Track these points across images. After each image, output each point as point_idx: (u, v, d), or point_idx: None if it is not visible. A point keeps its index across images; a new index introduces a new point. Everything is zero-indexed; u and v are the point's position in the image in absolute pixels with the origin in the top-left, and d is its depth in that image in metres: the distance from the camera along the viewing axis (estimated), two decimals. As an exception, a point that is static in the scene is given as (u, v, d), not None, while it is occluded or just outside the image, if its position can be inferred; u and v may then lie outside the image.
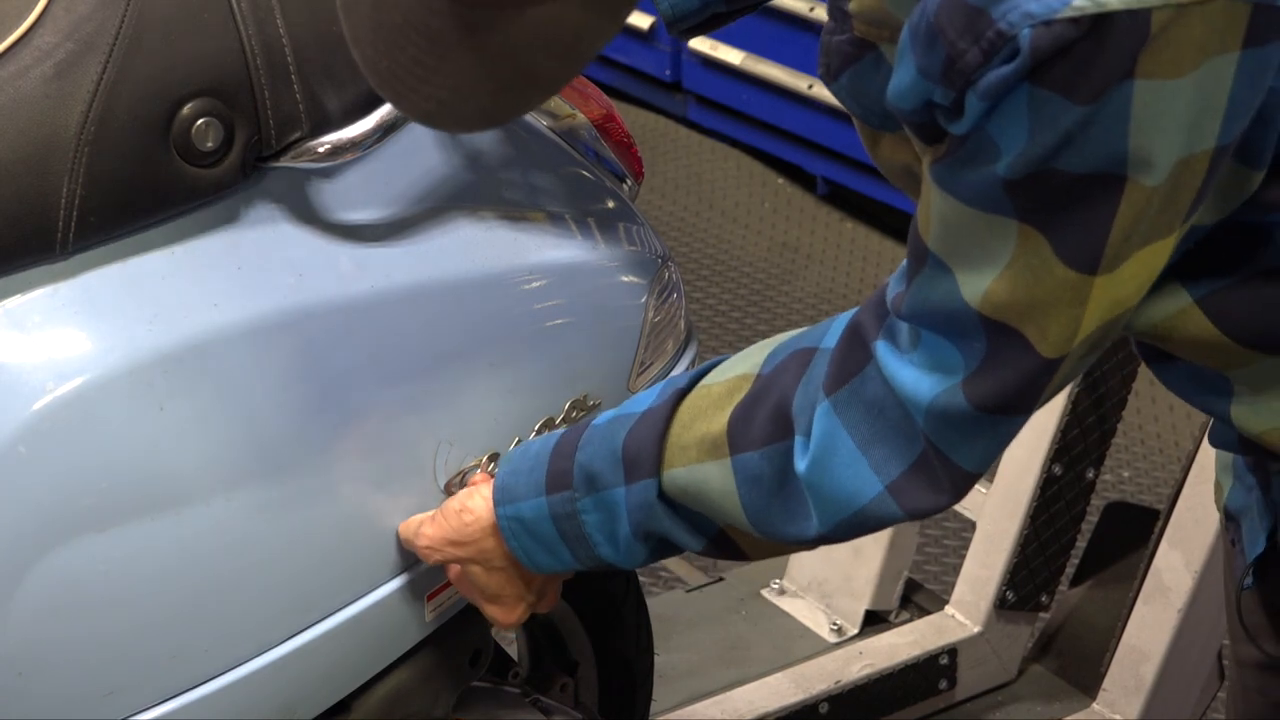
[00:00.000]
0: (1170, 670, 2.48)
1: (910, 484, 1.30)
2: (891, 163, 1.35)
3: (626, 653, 1.93)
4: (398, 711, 1.60)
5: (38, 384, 1.33)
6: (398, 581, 1.53)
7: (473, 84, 1.22)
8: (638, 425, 1.42)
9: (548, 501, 1.45)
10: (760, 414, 1.35)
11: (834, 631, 2.64)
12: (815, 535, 1.35)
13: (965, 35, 1.12)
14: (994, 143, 1.15)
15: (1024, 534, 2.55)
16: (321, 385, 1.44)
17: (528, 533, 1.46)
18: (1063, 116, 1.12)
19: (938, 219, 1.22)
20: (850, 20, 1.29)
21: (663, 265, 1.70)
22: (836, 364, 1.31)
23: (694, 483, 1.39)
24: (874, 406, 1.29)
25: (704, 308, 3.92)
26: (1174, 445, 3.41)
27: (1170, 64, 1.11)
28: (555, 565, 1.48)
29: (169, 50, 1.37)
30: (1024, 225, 1.18)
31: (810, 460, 1.32)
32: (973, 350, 1.23)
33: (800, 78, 4.27)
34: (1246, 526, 1.47)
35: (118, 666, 1.39)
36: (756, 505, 1.36)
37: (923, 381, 1.26)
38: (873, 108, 1.32)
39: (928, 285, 1.24)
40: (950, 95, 1.15)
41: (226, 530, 1.40)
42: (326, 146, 1.44)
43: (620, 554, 1.45)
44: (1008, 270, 1.19)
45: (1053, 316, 1.21)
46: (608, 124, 1.77)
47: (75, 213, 1.34)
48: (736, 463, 1.36)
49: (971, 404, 1.25)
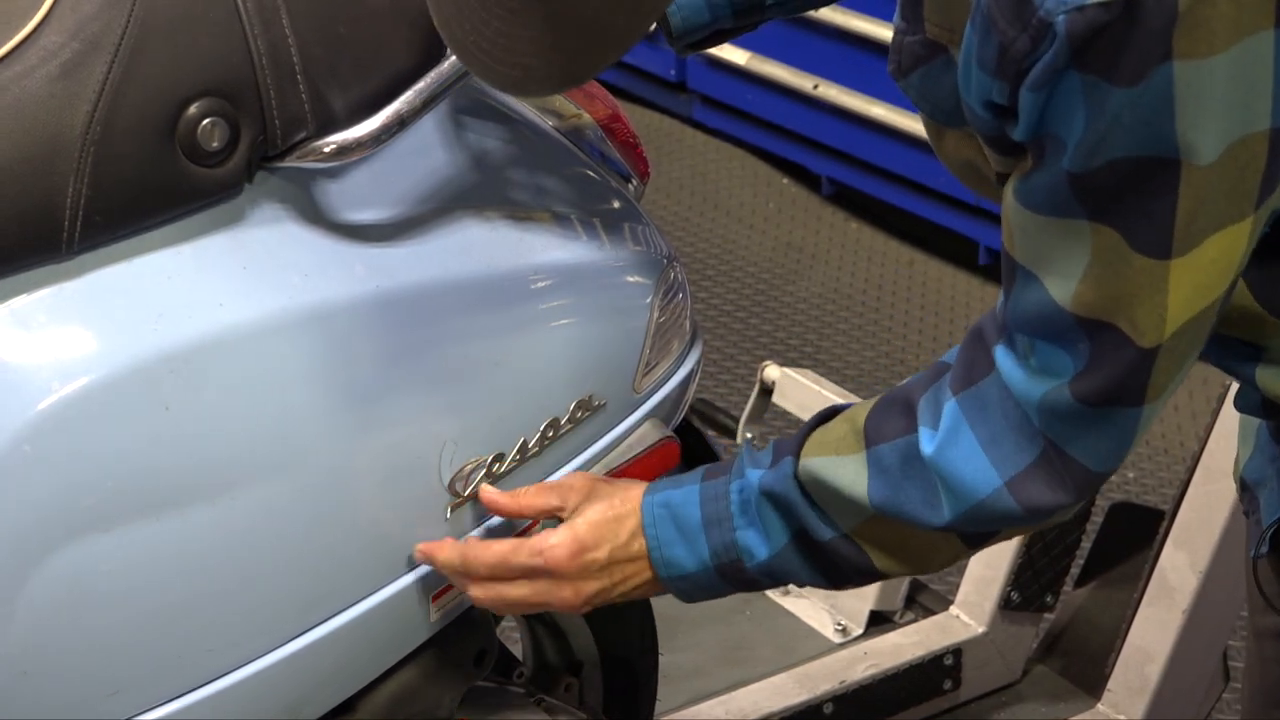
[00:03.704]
0: (1175, 671, 2.47)
1: (1029, 481, 1.34)
2: (956, 158, 1.40)
3: (631, 653, 1.93)
4: (402, 711, 1.60)
5: (43, 383, 1.33)
6: (402, 582, 1.53)
7: (552, 48, 1.26)
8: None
9: (701, 487, 1.48)
10: (894, 412, 1.41)
11: (838, 632, 2.64)
12: (944, 524, 1.38)
13: (1015, 23, 1.17)
14: (1057, 137, 1.20)
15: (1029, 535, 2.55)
16: (326, 385, 1.44)
17: (671, 518, 1.47)
18: (1109, 100, 1.17)
19: (1019, 231, 1.28)
20: (923, 22, 1.33)
21: (668, 265, 1.70)
22: (962, 366, 1.37)
23: (825, 473, 1.42)
24: (995, 408, 1.34)
25: (709, 308, 3.92)
26: (1179, 446, 3.41)
27: (1204, 42, 1.15)
28: (684, 561, 1.48)
29: (174, 50, 1.37)
30: (1095, 224, 1.23)
31: (937, 445, 1.36)
32: (1079, 352, 1.29)
33: (805, 78, 4.27)
34: (1264, 496, 1.49)
35: (122, 666, 1.39)
36: (884, 492, 1.39)
37: (1034, 383, 1.31)
38: (940, 105, 1.36)
39: (1022, 295, 1.30)
40: (1006, 90, 1.20)
41: (231, 530, 1.41)
42: (332, 146, 1.44)
43: (760, 536, 1.45)
44: (1090, 270, 1.25)
45: (1139, 306, 1.25)
46: (613, 124, 1.77)
47: (81, 212, 1.34)
48: (871, 455, 1.40)
49: (1076, 399, 1.30)
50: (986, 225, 3.99)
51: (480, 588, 1.50)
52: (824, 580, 1.47)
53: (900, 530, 1.41)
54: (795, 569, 1.47)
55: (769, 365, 2.69)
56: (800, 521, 1.44)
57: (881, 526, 1.41)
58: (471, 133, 1.62)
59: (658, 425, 1.69)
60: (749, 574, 1.47)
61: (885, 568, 1.44)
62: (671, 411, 1.73)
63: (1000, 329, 1.35)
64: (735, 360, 3.71)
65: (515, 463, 1.56)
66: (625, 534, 1.48)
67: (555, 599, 1.49)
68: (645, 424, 1.68)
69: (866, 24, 4.06)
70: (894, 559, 1.44)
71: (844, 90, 4.19)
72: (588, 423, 1.61)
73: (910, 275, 4.11)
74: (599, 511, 1.49)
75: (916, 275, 4.11)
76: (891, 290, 4.05)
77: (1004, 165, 1.30)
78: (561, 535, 1.48)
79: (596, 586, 1.49)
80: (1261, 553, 1.50)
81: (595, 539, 1.48)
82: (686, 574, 1.48)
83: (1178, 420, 3.48)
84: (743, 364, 3.68)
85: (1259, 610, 1.56)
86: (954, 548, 1.42)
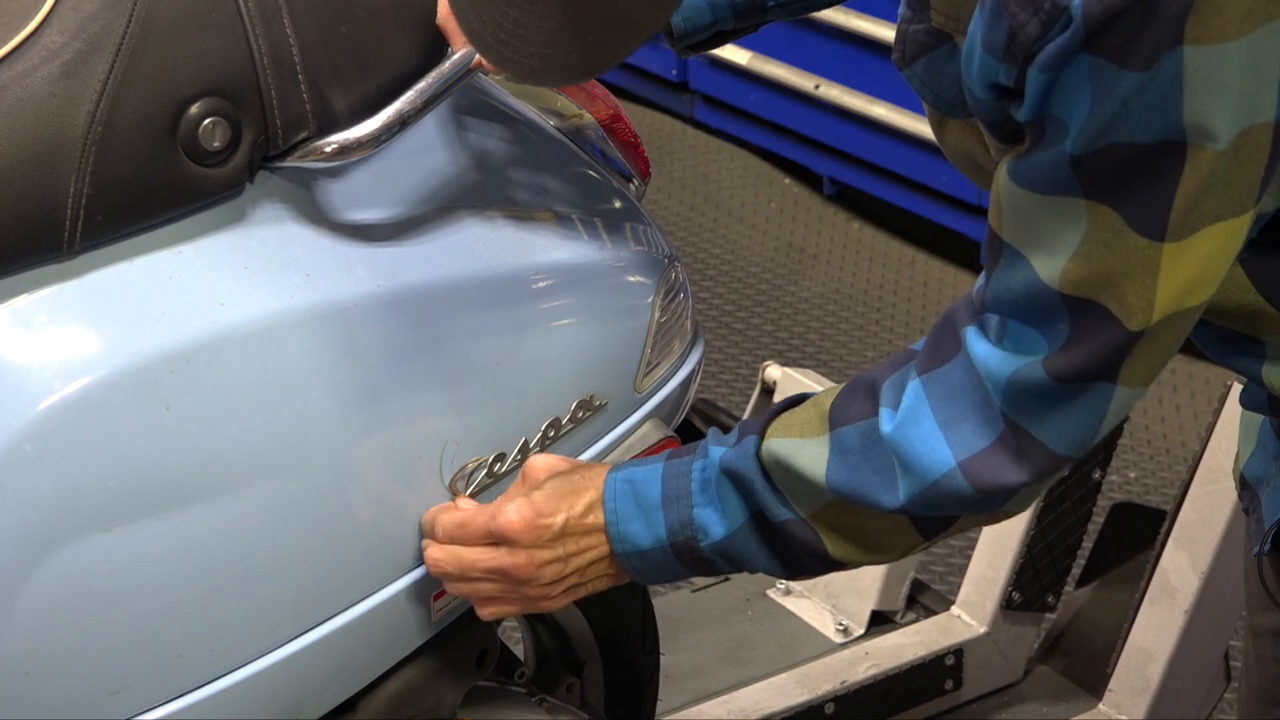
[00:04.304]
0: (1176, 671, 2.48)
1: (984, 463, 1.34)
2: (957, 147, 1.40)
3: (632, 653, 1.93)
4: (403, 711, 1.60)
5: (44, 383, 1.33)
6: (404, 581, 1.53)
7: (572, 36, 1.25)
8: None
9: (665, 465, 1.48)
10: (858, 395, 1.41)
11: (840, 632, 2.64)
12: (899, 506, 1.38)
13: (1026, 7, 1.18)
14: (1060, 120, 1.20)
15: (1030, 535, 2.55)
16: (328, 385, 1.44)
17: (632, 494, 1.47)
18: (1119, 84, 1.17)
19: (1010, 210, 1.28)
20: (929, 10, 1.34)
21: (669, 265, 1.70)
22: (929, 349, 1.37)
23: (786, 454, 1.42)
24: (958, 389, 1.34)
25: (710, 308, 3.92)
26: (1180, 446, 3.41)
27: (1218, 28, 1.16)
28: (640, 538, 1.47)
29: (176, 50, 1.37)
30: (1092, 203, 1.23)
31: (896, 424, 1.36)
32: (1057, 332, 1.29)
33: (807, 78, 4.27)
34: (1266, 493, 1.49)
35: (123, 666, 1.39)
36: (842, 473, 1.39)
37: (1005, 361, 1.31)
38: (944, 94, 1.37)
39: (1007, 275, 1.30)
40: (1013, 73, 1.21)
41: (232, 530, 1.41)
42: (333, 146, 1.44)
43: (718, 514, 1.45)
44: (1082, 248, 1.25)
45: (1128, 286, 1.25)
46: (615, 124, 1.78)
47: (82, 212, 1.34)
48: (834, 437, 1.40)
49: (1049, 374, 1.30)
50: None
51: (438, 548, 1.50)
52: (779, 566, 1.47)
53: (856, 514, 1.41)
54: (750, 551, 1.46)
55: (770, 365, 2.69)
56: (758, 502, 1.44)
57: (839, 511, 1.41)
58: (473, 132, 1.62)
59: (659, 425, 1.69)
60: (703, 553, 1.47)
61: (839, 554, 1.44)
62: (673, 411, 1.73)
63: (974, 312, 1.34)
64: (737, 360, 3.71)
65: (516, 463, 1.56)
66: (581, 505, 1.48)
67: (509, 565, 1.48)
68: (646, 424, 1.68)
69: (868, 24, 4.06)
70: (849, 544, 1.43)
71: (846, 90, 4.19)
72: (589, 422, 1.61)
73: (912, 275, 4.11)
74: (558, 484, 1.49)
75: (918, 275, 4.11)
76: (893, 290, 4.06)
77: (1004, 154, 1.30)
78: (518, 502, 1.48)
79: (550, 555, 1.48)
80: (1264, 550, 1.50)
81: (551, 508, 1.48)
82: (642, 551, 1.48)
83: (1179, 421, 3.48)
84: (744, 364, 3.68)
85: (1259, 608, 1.56)
86: (909, 536, 1.41)
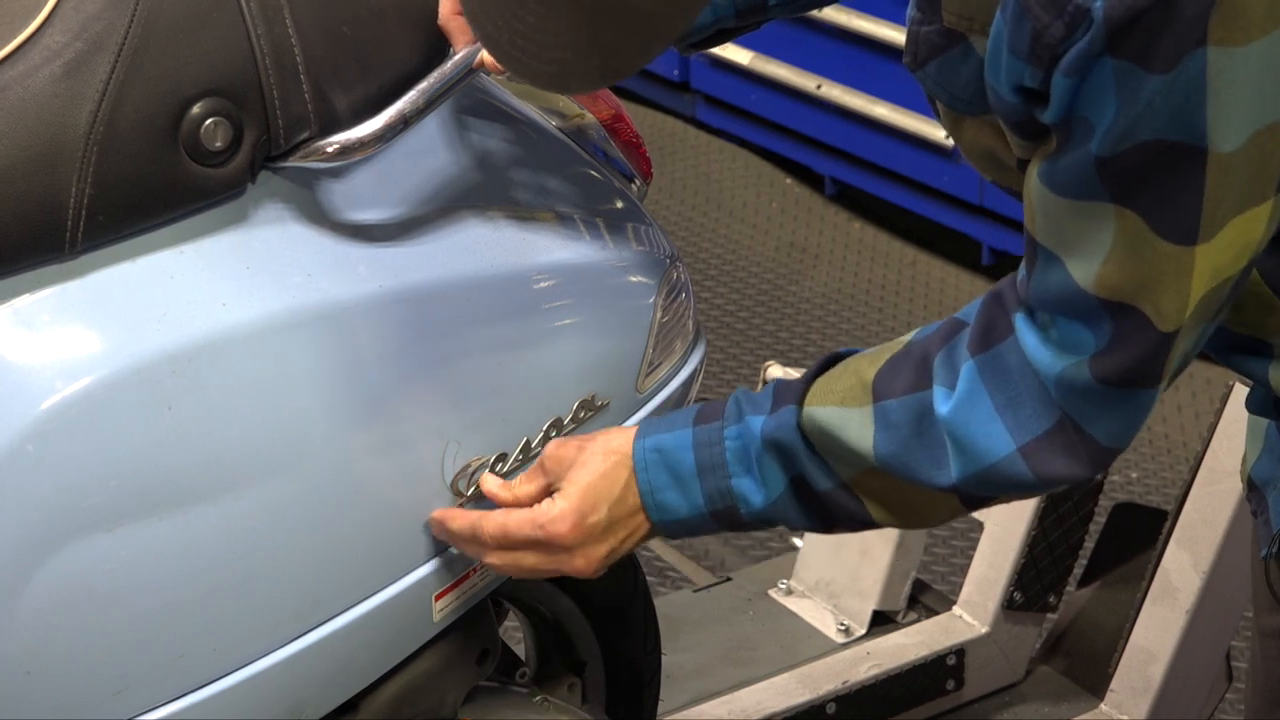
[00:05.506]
0: (1178, 671, 2.47)
1: (1044, 449, 1.34)
2: (975, 145, 1.40)
3: (634, 652, 1.93)
4: (405, 711, 1.60)
5: (46, 383, 1.33)
6: (406, 581, 1.53)
7: (589, 41, 1.23)
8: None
9: (694, 431, 1.47)
10: (905, 368, 1.40)
11: (841, 632, 2.63)
12: (951, 485, 1.38)
13: (1050, 9, 1.18)
14: (1086, 121, 1.21)
15: (1032, 535, 2.55)
16: (330, 385, 1.44)
17: (664, 464, 1.46)
18: (1142, 87, 1.18)
19: (1041, 213, 1.28)
20: (940, 11, 1.34)
21: (671, 265, 1.70)
22: (980, 327, 1.37)
23: (831, 424, 1.41)
24: (1013, 373, 1.34)
25: (712, 308, 3.92)
26: (1182, 446, 3.41)
27: (1240, 30, 1.16)
28: (678, 506, 1.47)
29: (178, 50, 1.37)
30: (1119, 208, 1.23)
31: (953, 406, 1.36)
32: (1102, 330, 1.29)
33: (808, 78, 4.26)
34: (1274, 496, 1.49)
35: (126, 665, 1.39)
36: (891, 448, 1.39)
37: (1054, 357, 1.32)
38: (959, 94, 1.36)
39: (1044, 275, 1.30)
40: (1038, 76, 1.21)
41: (233, 530, 1.41)
42: (335, 146, 1.44)
43: (757, 484, 1.45)
44: (1113, 253, 1.25)
45: (1163, 291, 1.26)
46: (616, 124, 1.78)
47: (84, 212, 1.34)
48: (878, 409, 1.40)
49: (1095, 378, 1.30)
50: (990, 225, 3.99)
51: (496, 555, 1.50)
52: (818, 525, 1.47)
53: (900, 485, 1.41)
54: (790, 515, 1.46)
55: (772, 365, 2.69)
56: (800, 469, 1.44)
57: (881, 480, 1.41)
58: (474, 133, 1.62)
59: (661, 425, 1.69)
60: (743, 519, 1.47)
61: (880, 519, 1.44)
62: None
63: (1019, 299, 1.35)
64: (738, 360, 3.71)
65: (518, 462, 1.56)
66: (619, 488, 1.48)
67: (568, 567, 1.49)
68: (648, 424, 1.68)
69: (870, 24, 4.06)
70: (890, 512, 1.44)
71: (847, 90, 4.19)
72: (591, 422, 1.61)
73: (913, 275, 4.11)
74: (589, 473, 1.48)
75: (920, 275, 4.11)
76: (895, 290, 4.05)
77: (1026, 151, 1.30)
78: (559, 507, 1.48)
79: (605, 549, 1.49)
80: (1272, 553, 1.50)
81: (592, 503, 1.47)
82: (680, 519, 1.48)
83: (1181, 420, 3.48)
84: (746, 364, 3.68)
85: (1266, 610, 1.56)
86: (951, 507, 1.42)
